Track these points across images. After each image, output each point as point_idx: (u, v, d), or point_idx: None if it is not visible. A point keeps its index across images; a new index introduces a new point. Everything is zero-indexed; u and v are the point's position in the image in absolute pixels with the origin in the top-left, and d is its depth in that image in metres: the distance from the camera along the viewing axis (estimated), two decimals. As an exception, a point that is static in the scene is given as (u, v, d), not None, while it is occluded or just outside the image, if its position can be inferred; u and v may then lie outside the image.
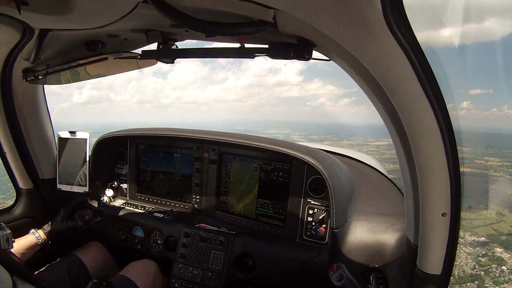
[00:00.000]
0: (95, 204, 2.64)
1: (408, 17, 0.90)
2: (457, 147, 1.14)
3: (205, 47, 1.48)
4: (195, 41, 1.67)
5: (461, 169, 1.18)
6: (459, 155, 1.16)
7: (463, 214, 1.27)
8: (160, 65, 1.78)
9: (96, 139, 2.62)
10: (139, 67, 1.87)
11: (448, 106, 1.07)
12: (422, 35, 0.95)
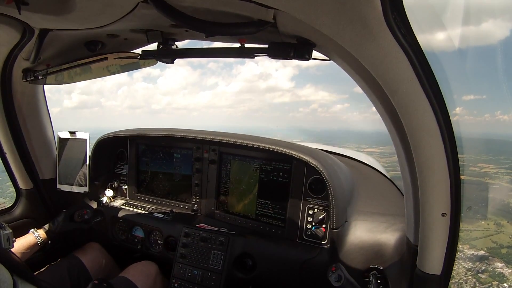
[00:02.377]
0: (95, 204, 2.64)
1: (408, 17, 0.90)
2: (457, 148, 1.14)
3: (205, 47, 1.47)
4: (195, 41, 1.67)
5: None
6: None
7: (462, 225, 1.27)
8: (149, 70, 1.78)
9: (90, 144, 2.61)
10: (137, 67, 1.87)
11: (448, 106, 1.07)
12: (422, 35, 0.95)
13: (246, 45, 1.32)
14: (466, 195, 1.25)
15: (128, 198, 2.74)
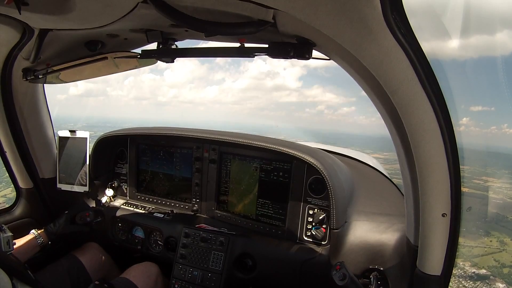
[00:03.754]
0: (95, 204, 2.64)
1: (408, 17, 0.90)
2: (457, 147, 1.14)
3: (205, 46, 1.47)
4: (195, 40, 1.67)
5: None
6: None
7: (462, 240, 1.26)
8: (157, 62, 1.79)
9: (95, 132, 2.61)
10: (137, 66, 1.87)
11: (449, 106, 1.07)
12: (422, 35, 0.95)
13: (246, 45, 1.32)
14: (467, 204, 1.25)
15: (128, 197, 2.74)
